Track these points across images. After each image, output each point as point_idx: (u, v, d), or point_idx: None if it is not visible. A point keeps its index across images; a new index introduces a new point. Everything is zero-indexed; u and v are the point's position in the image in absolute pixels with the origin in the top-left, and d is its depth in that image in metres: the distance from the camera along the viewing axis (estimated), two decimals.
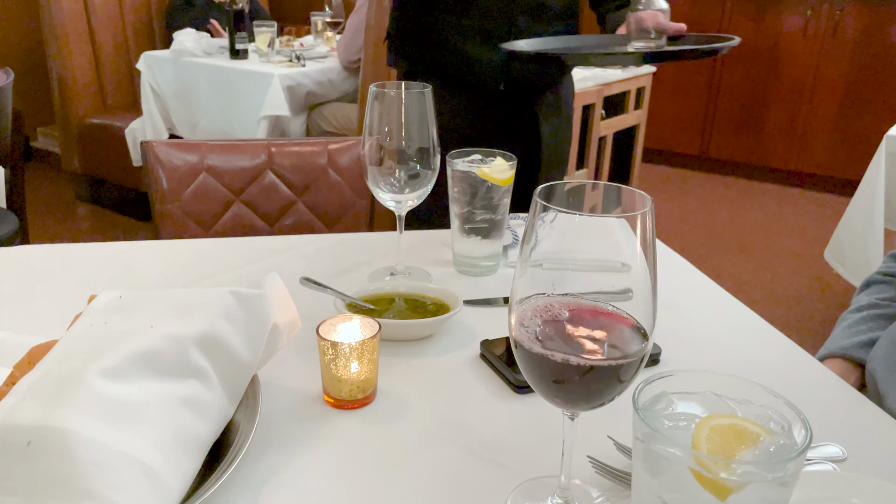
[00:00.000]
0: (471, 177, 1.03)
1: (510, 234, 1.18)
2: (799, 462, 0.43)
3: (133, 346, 0.59)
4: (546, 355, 0.53)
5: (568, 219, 0.52)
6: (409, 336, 0.89)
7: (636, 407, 0.47)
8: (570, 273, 0.55)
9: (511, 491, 0.64)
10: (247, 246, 1.19)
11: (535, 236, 0.54)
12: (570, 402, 0.57)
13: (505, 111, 1.61)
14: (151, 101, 3.31)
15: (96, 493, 0.50)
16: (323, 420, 0.74)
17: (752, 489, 0.44)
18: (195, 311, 0.65)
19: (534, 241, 0.54)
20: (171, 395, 0.59)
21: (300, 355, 0.84)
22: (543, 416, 0.76)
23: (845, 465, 0.69)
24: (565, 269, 0.55)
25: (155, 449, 0.55)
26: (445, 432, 0.73)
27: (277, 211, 1.54)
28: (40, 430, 0.52)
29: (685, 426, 0.48)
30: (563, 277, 0.55)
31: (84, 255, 1.13)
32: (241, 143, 1.51)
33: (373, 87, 0.97)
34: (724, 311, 1.02)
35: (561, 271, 0.55)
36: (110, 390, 0.56)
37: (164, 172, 1.43)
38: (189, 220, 1.46)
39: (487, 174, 1.02)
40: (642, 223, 0.52)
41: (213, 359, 0.64)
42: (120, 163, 3.52)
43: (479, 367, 0.85)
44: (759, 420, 0.48)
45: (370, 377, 0.76)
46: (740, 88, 4.54)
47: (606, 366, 0.53)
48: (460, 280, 1.07)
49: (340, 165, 1.56)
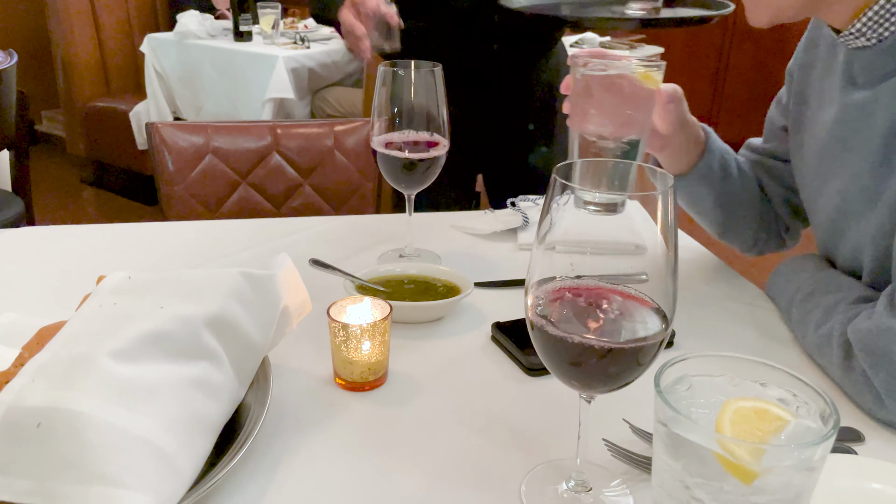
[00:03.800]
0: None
1: (521, 217, 1.16)
2: (827, 446, 0.42)
3: (143, 327, 0.58)
4: (564, 337, 0.52)
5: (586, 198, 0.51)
6: (419, 318, 0.88)
7: (658, 389, 0.46)
8: (588, 255, 0.53)
9: (526, 474, 0.64)
10: (254, 227, 1.18)
11: (551, 218, 0.52)
12: (588, 384, 0.56)
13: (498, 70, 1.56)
14: (155, 83, 3.29)
15: (108, 476, 0.49)
16: (334, 402, 0.73)
17: (777, 473, 0.43)
18: (205, 292, 0.64)
19: (549, 222, 0.53)
20: (182, 376, 0.59)
21: (310, 338, 0.83)
22: (557, 399, 0.75)
23: (864, 449, 0.68)
24: (583, 253, 0.54)
25: (166, 431, 0.54)
26: (458, 415, 0.72)
27: (284, 193, 1.53)
28: (50, 412, 0.51)
29: (707, 409, 0.47)
30: (580, 260, 0.54)
31: (91, 236, 1.13)
32: (246, 125, 1.50)
33: (382, 66, 0.95)
34: (738, 294, 1.00)
35: (578, 254, 0.54)
36: (121, 372, 0.55)
37: (170, 154, 1.42)
38: (195, 203, 1.45)
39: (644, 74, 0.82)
40: (664, 203, 0.51)
41: (224, 340, 0.64)
42: (125, 146, 3.50)
43: (490, 349, 0.84)
44: (782, 403, 0.47)
45: (381, 359, 0.75)
46: (748, 69, 4.50)
47: (625, 348, 0.52)
48: (471, 262, 1.06)
49: (347, 147, 1.54)
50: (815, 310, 0.81)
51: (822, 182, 0.86)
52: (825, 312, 0.79)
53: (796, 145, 0.94)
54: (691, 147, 0.95)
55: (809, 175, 0.90)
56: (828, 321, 0.78)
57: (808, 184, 0.91)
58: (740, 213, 1.02)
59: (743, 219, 1.03)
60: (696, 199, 1.01)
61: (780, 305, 0.91)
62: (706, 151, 0.97)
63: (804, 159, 0.91)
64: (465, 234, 1.17)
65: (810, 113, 0.90)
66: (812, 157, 0.89)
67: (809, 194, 0.91)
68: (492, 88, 1.57)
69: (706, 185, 0.98)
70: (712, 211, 1.01)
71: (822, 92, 0.88)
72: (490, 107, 1.57)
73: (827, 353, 0.76)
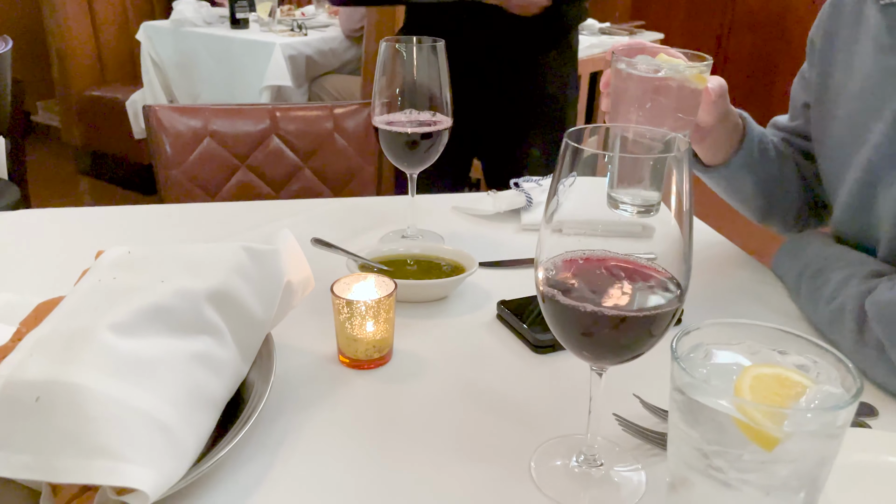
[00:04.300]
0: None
1: (524, 198, 1.15)
2: (850, 410, 0.41)
3: (144, 301, 0.57)
4: (576, 307, 0.51)
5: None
6: (424, 297, 0.87)
7: (676, 356, 0.45)
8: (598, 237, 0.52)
9: (535, 449, 0.62)
10: (255, 209, 1.16)
11: (558, 199, 0.51)
12: (599, 356, 0.55)
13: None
14: (152, 72, 3.26)
15: (109, 449, 0.48)
16: (339, 380, 0.72)
17: (799, 440, 0.41)
18: (207, 266, 0.63)
19: (557, 200, 0.51)
20: (184, 351, 0.57)
21: (313, 316, 0.81)
22: (565, 376, 0.74)
23: (878, 424, 0.67)
24: (592, 235, 0.52)
25: (168, 405, 0.53)
26: (465, 392, 0.71)
27: (283, 177, 1.51)
28: (49, 386, 0.50)
29: (725, 377, 0.46)
30: (589, 241, 0.53)
31: (89, 219, 1.11)
32: (244, 108, 1.48)
33: (384, 42, 0.94)
34: (743, 271, 0.99)
35: (588, 236, 0.53)
36: (121, 345, 0.53)
37: (167, 138, 1.40)
38: (194, 187, 1.44)
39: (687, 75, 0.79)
40: (678, 167, 0.49)
41: (226, 315, 0.62)
42: (122, 136, 3.48)
43: (496, 327, 0.83)
44: (802, 370, 0.46)
45: (386, 336, 0.74)
46: (748, 58, 4.48)
47: (639, 317, 0.51)
48: (474, 243, 1.05)
49: (347, 130, 1.52)
50: (825, 285, 0.80)
51: (847, 154, 0.84)
52: (836, 287, 0.78)
53: (819, 117, 0.91)
54: (731, 136, 0.93)
55: (834, 147, 0.87)
56: (839, 296, 0.76)
57: (833, 156, 0.88)
58: (780, 194, 0.99)
59: (784, 200, 1.00)
60: (737, 187, 0.98)
61: (788, 282, 0.90)
62: (745, 138, 0.94)
63: (827, 131, 0.88)
64: (467, 215, 1.16)
65: (835, 83, 0.87)
66: (838, 129, 0.86)
67: (832, 167, 0.88)
68: (493, 77, 1.55)
69: (747, 172, 0.95)
70: (754, 197, 0.99)
71: (849, 60, 0.84)
72: (491, 94, 1.56)
73: (839, 328, 0.75)
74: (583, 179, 0.51)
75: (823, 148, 0.91)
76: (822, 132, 0.90)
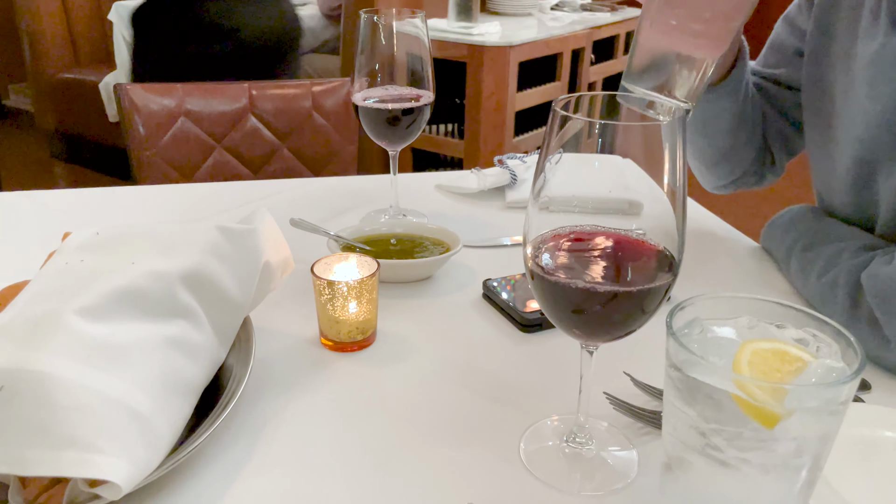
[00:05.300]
0: None
1: (508, 175, 1.13)
2: (853, 385, 0.40)
3: (113, 283, 0.54)
4: (566, 284, 0.49)
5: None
6: (408, 277, 0.85)
7: (671, 331, 0.43)
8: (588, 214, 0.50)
9: (524, 430, 0.61)
10: (232, 190, 1.13)
11: (545, 174, 0.49)
12: (590, 333, 0.53)
13: None
14: (125, 53, 3.17)
15: (79, 440, 0.46)
16: (321, 363, 0.70)
17: (801, 416, 0.40)
18: (180, 247, 0.60)
19: (544, 176, 0.49)
20: (158, 335, 0.55)
21: (293, 299, 0.79)
22: (553, 355, 0.72)
23: (871, 398, 0.66)
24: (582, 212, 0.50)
25: (142, 392, 0.51)
26: (451, 373, 0.69)
27: (261, 157, 1.48)
28: (14, 374, 0.47)
29: (722, 352, 0.44)
30: (579, 218, 0.51)
31: (60, 201, 1.07)
32: (219, 86, 1.44)
33: (363, 13, 0.90)
34: (730, 246, 0.98)
35: (576, 211, 0.51)
36: (91, 330, 0.51)
37: (140, 118, 1.36)
38: (169, 168, 1.40)
39: None
40: (672, 133, 0.47)
41: (202, 298, 0.60)
42: (96, 119, 3.39)
43: (482, 307, 0.81)
44: (801, 344, 0.44)
45: (370, 317, 0.72)
46: None
47: (631, 292, 0.49)
48: (458, 222, 1.02)
49: (326, 109, 1.49)
50: (816, 259, 0.79)
51: (845, 125, 0.80)
52: (828, 261, 0.76)
53: (812, 78, 0.86)
54: (728, 55, 0.85)
55: (831, 115, 0.82)
56: (831, 269, 0.75)
57: (830, 124, 0.83)
58: (744, 139, 0.93)
59: (744, 147, 0.94)
60: (712, 117, 0.90)
61: (778, 256, 0.89)
62: (740, 60, 0.87)
63: (825, 94, 0.83)
64: (451, 193, 1.13)
65: (836, 48, 0.82)
66: (838, 97, 0.81)
67: (824, 137, 0.84)
68: None
69: (731, 101, 0.88)
70: (722, 134, 0.91)
71: (852, 25, 0.79)
72: None
73: (831, 302, 0.74)
74: (570, 156, 0.49)
75: (813, 111, 0.86)
76: (814, 94, 0.86)
